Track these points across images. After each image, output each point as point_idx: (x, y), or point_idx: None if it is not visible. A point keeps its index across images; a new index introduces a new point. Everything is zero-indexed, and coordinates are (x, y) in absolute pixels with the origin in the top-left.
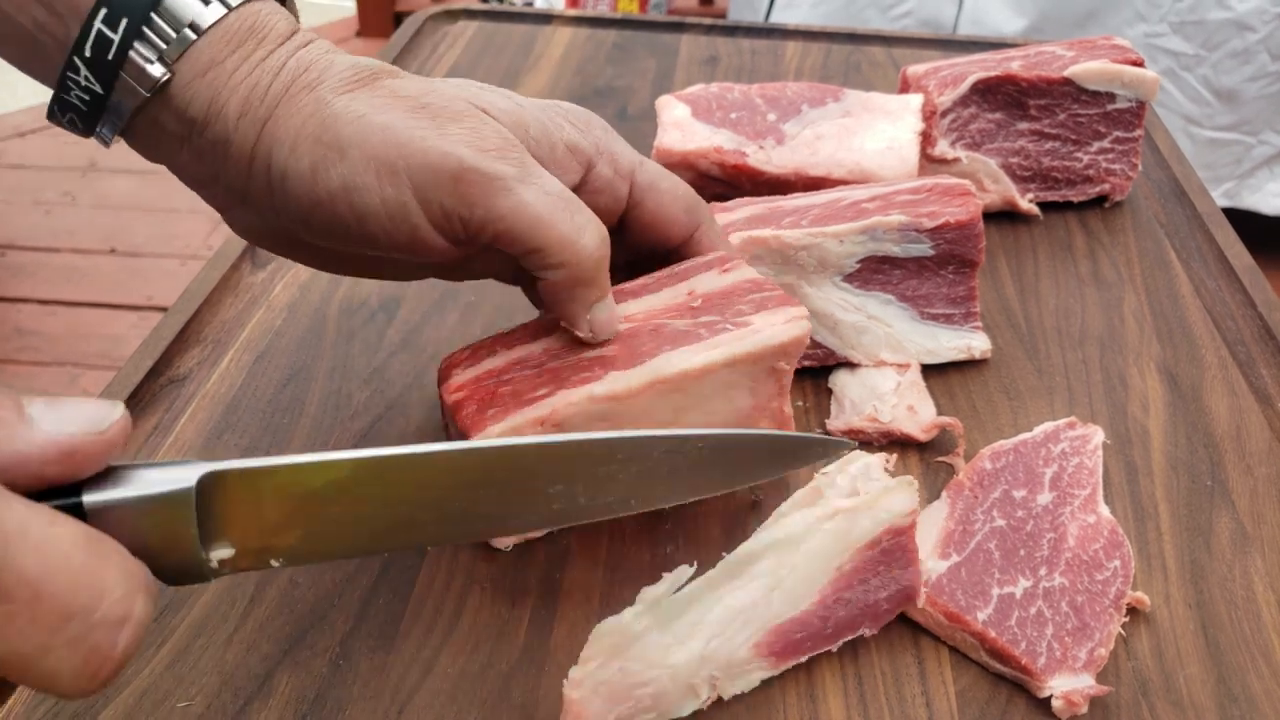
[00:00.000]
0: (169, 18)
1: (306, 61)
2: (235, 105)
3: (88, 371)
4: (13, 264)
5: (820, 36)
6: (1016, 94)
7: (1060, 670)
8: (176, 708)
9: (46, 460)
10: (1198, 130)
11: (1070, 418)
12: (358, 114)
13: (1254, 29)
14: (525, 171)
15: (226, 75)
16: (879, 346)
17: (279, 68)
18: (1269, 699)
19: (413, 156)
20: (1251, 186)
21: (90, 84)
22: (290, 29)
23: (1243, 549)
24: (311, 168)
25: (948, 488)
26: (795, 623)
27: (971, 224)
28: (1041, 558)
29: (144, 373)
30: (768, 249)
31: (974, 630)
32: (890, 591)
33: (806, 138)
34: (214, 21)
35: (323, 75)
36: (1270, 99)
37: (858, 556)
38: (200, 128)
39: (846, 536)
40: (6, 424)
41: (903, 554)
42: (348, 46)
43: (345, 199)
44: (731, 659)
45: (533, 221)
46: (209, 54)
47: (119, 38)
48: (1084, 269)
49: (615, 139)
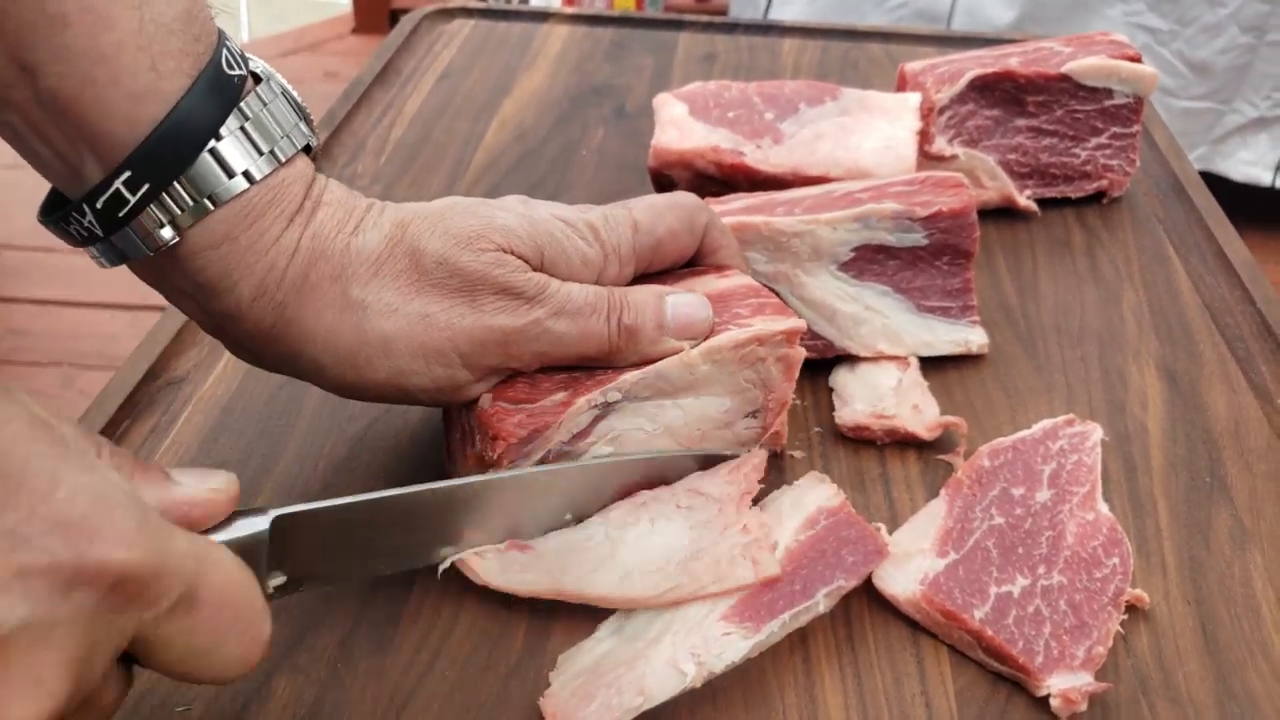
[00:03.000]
0: (190, 187)
1: (322, 243)
2: (249, 287)
3: (83, 372)
4: (8, 264)
5: (817, 33)
6: (1014, 90)
7: (1058, 668)
8: (175, 712)
9: (194, 506)
10: (1173, 101)
11: (1069, 415)
12: (392, 308)
13: (1224, 4)
14: (557, 306)
15: (240, 253)
16: (876, 338)
17: (293, 249)
18: (1268, 696)
19: (459, 338)
20: (1224, 153)
21: (93, 227)
22: (303, 193)
23: (1242, 546)
24: (354, 364)
25: (946, 486)
26: (759, 590)
27: (964, 212)
28: (1040, 556)
29: (141, 374)
30: (759, 235)
31: (970, 628)
32: (850, 549)
33: (804, 137)
34: (235, 195)
35: (345, 266)
36: (1239, 70)
37: (801, 535)
38: (208, 296)
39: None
40: (160, 483)
41: (847, 525)
42: (344, 44)
43: (393, 383)
44: (706, 636)
45: (577, 343)
46: (225, 228)
47: (134, 200)
48: (1082, 266)
49: (612, 228)
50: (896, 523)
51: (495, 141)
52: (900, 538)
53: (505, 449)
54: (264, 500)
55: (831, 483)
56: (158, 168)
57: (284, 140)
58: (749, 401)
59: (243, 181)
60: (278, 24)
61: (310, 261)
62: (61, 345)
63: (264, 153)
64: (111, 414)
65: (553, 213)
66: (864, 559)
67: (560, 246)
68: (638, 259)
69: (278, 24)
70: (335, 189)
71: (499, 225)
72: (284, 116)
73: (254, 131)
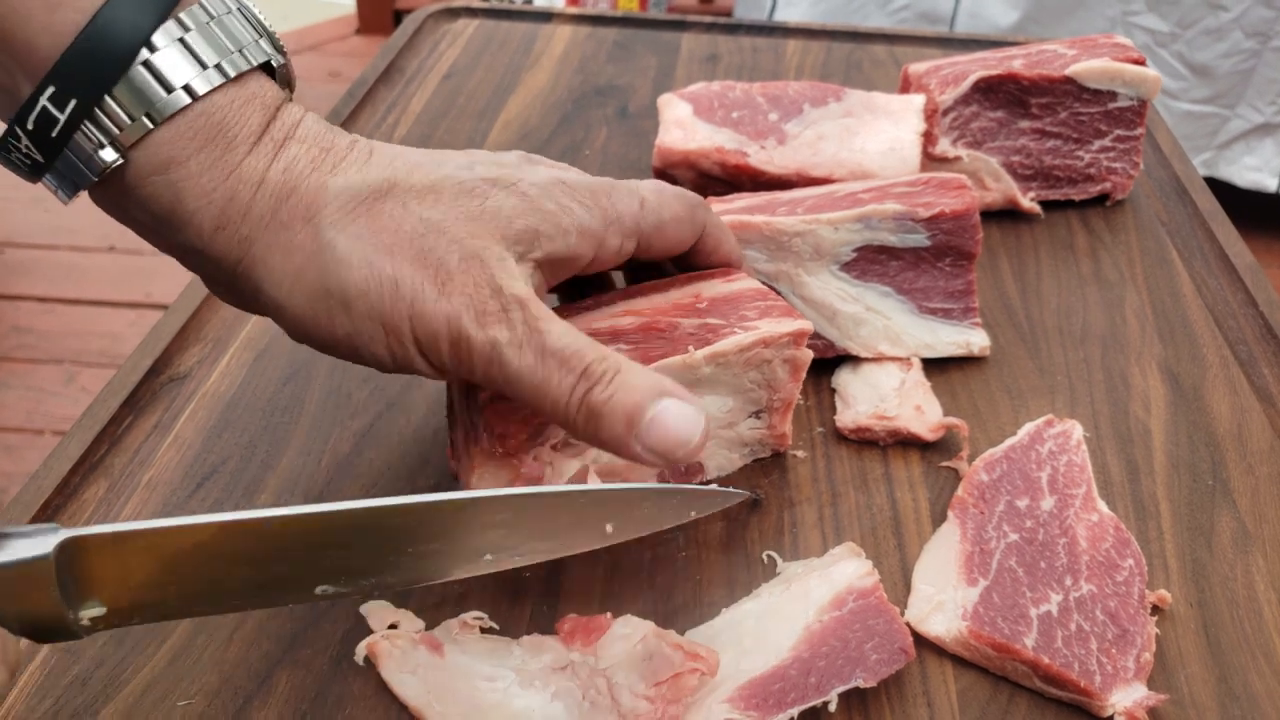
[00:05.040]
0: (126, 102)
1: (294, 179)
2: (210, 218)
3: (86, 369)
4: (11, 261)
5: (821, 34)
6: (1018, 92)
7: (1115, 684)
8: (177, 706)
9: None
10: (1174, 104)
11: (1048, 415)
12: (364, 260)
13: (1226, 8)
14: (525, 334)
15: (193, 178)
16: (878, 339)
17: (257, 180)
18: (1270, 698)
19: (416, 319)
20: (1228, 159)
21: (31, 152)
22: (264, 118)
23: (1244, 548)
24: (313, 313)
25: (952, 506)
26: (771, 675)
27: (967, 214)
28: (1063, 566)
29: (144, 371)
30: (760, 235)
31: (1026, 659)
32: (875, 644)
33: (808, 138)
34: (171, 114)
35: (318, 202)
36: (1243, 74)
37: (825, 615)
38: (168, 229)
39: (806, 600)
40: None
41: (877, 613)
42: (347, 44)
43: (350, 344)
44: (708, 717)
45: (530, 391)
46: (170, 150)
47: (64, 118)
48: (1085, 268)
49: (618, 197)
50: (900, 524)
51: (499, 141)
52: (923, 571)
53: (516, 444)
54: (266, 499)
55: (866, 558)
56: (82, 80)
57: (236, 55)
58: (753, 402)
59: (184, 96)
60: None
61: (280, 197)
62: (64, 342)
63: (209, 66)
64: (115, 410)
65: (555, 175)
66: (888, 659)
67: (557, 222)
68: (640, 235)
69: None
70: (312, 123)
71: (492, 209)
72: (239, 31)
73: (197, 44)
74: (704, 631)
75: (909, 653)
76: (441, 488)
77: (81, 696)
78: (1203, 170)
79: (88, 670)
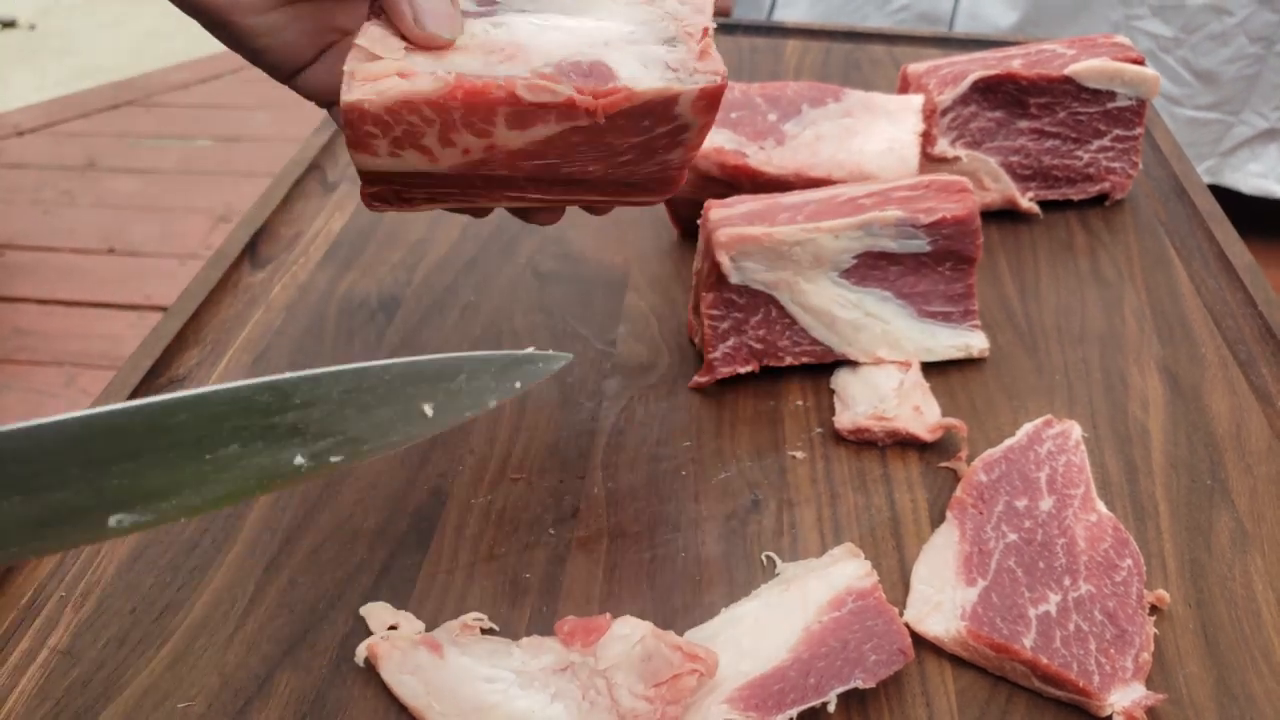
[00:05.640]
0: None
1: None
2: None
3: (86, 371)
4: (11, 263)
5: (820, 35)
6: (1017, 92)
7: (1114, 684)
8: (177, 708)
9: None
10: (1178, 110)
11: (1046, 416)
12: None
13: (1232, 13)
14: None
15: None
16: (876, 344)
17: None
18: (1268, 698)
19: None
20: (1233, 165)
21: None
22: None
23: (1243, 548)
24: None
25: (950, 507)
26: (770, 676)
27: (969, 219)
28: (1061, 567)
29: (143, 373)
30: (759, 247)
31: (1024, 659)
32: (874, 644)
33: (807, 138)
34: None
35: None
36: (1248, 80)
37: (824, 616)
38: None
39: (805, 600)
40: None
41: (875, 613)
42: None
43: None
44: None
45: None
46: None
47: None
48: (1084, 267)
49: None
50: (899, 525)
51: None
52: (921, 571)
53: None
54: (266, 498)
55: (864, 559)
56: None
57: None
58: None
59: None
60: None
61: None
62: (64, 344)
63: None
64: None
65: None
66: (887, 659)
67: None
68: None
69: None
70: None
71: None
72: None
73: None
74: (703, 632)
75: (908, 653)
76: (442, 483)
77: (82, 698)
78: (1207, 178)
79: (88, 672)
